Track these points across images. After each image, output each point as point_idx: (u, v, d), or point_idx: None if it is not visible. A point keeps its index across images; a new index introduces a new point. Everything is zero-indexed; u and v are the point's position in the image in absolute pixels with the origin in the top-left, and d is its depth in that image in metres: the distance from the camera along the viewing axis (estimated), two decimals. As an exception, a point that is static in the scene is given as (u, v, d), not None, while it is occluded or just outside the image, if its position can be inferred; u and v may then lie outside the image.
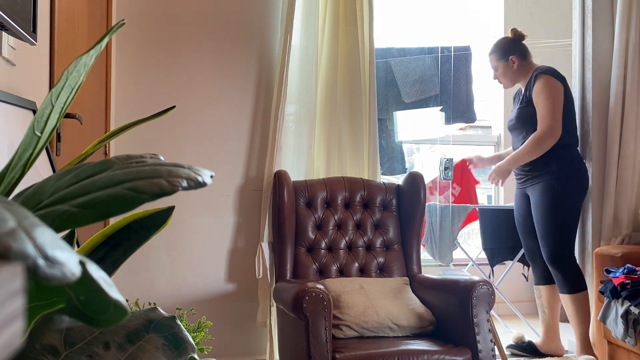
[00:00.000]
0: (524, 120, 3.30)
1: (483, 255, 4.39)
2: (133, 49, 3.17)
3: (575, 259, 3.28)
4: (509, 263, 4.12)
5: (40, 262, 0.37)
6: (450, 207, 3.91)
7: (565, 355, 3.45)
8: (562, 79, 3.26)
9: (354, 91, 3.30)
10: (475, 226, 4.43)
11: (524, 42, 3.43)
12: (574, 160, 3.28)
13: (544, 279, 3.42)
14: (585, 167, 3.37)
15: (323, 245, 3.03)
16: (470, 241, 5.16)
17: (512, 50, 3.37)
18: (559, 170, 3.20)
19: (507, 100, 4.65)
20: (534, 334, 3.74)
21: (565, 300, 3.23)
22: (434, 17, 4.87)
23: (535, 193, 3.26)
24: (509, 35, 3.46)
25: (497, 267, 4.62)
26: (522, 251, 3.70)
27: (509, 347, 3.49)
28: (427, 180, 3.71)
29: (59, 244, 0.40)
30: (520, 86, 3.46)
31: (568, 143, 3.25)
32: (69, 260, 0.39)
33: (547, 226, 3.21)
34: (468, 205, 4.08)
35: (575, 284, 3.18)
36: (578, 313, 3.17)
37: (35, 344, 0.70)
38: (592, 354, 3.20)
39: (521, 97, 3.36)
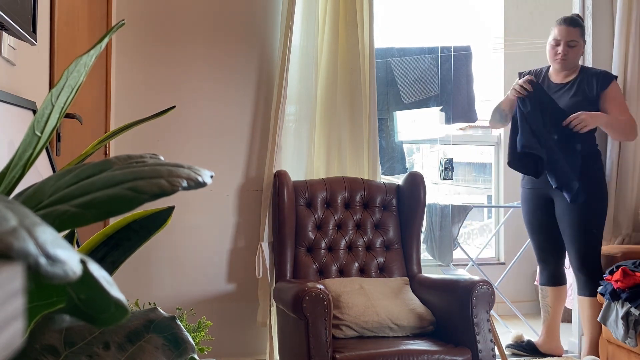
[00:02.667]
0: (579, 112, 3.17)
1: (482, 255, 4.40)
2: (133, 49, 3.17)
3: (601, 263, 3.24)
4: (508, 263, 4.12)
5: (42, 260, 0.37)
6: (450, 206, 3.90)
7: (565, 355, 3.45)
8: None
9: (354, 91, 3.30)
10: (475, 226, 4.43)
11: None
12: (602, 164, 3.30)
13: (553, 280, 3.41)
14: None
15: (323, 245, 3.03)
16: (470, 241, 5.16)
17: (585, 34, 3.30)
18: (591, 173, 3.17)
19: (507, 100, 4.64)
20: (534, 334, 3.74)
21: (584, 303, 3.22)
22: (434, 17, 4.87)
23: (576, 199, 3.16)
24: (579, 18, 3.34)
25: (497, 267, 4.62)
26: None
27: (508, 346, 3.49)
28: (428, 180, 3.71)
29: (60, 243, 0.40)
30: (539, 71, 3.37)
31: (600, 162, 3.27)
32: (70, 259, 0.39)
33: (581, 232, 3.18)
34: (468, 204, 4.08)
35: (597, 287, 3.16)
36: (595, 316, 3.15)
37: (35, 344, 0.70)
38: (598, 355, 3.21)
39: (571, 90, 3.23)
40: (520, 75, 3.46)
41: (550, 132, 3.17)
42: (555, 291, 3.41)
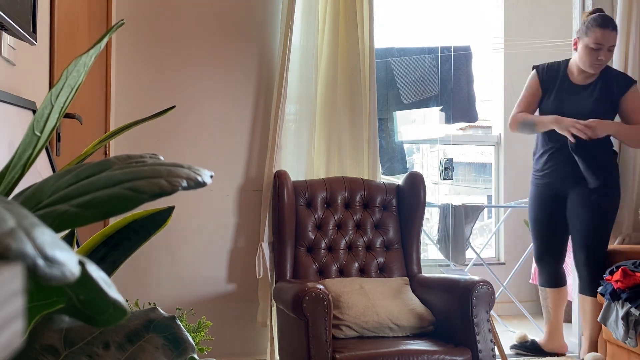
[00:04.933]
0: (601, 116, 3.13)
1: (482, 255, 4.39)
2: (133, 49, 3.17)
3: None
4: (512, 264, 4.11)
5: (40, 262, 0.37)
6: (462, 207, 3.89)
7: (567, 354, 3.45)
8: None
9: (354, 91, 3.30)
10: (475, 226, 4.43)
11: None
12: (616, 164, 3.30)
13: (553, 281, 3.40)
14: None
15: (323, 245, 3.02)
16: (471, 241, 5.15)
17: None
18: (607, 173, 3.17)
19: (507, 100, 4.65)
20: (540, 333, 3.71)
21: (585, 302, 3.22)
22: (434, 17, 4.87)
23: (583, 194, 3.17)
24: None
25: (497, 267, 4.62)
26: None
27: (512, 347, 3.49)
28: (428, 180, 3.70)
29: (58, 244, 0.40)
30: (556, 70, 3.28)
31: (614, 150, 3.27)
32: (68, 260, 0.39)
33: (594, 228, 3.17)
34: (480, 204, 4.07)
35: (598, 287, 3.17)
36: (595, 316, 3.15)
37: (35, 344, 0.70)
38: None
39: (594, 93, 3.18)
40: (537, 68, 3.35)
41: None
42: (555, 293, 3.40)
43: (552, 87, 3.28)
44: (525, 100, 3.35)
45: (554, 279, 3.39)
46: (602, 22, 3.08)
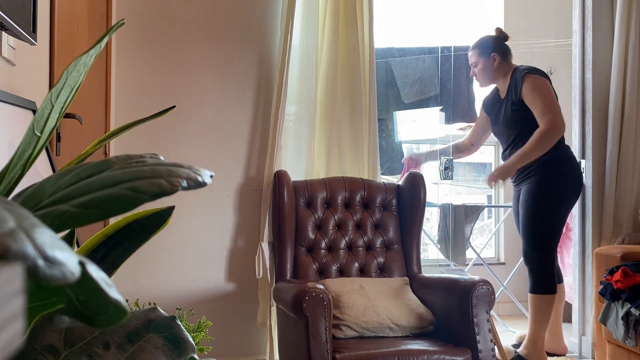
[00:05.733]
0: (522, 121, 3.21)
1: (482, 255, 4.39)
2: (133, 49, 3.17)
3: (552, 261, 3.23)
4: (512, 264, 4.11)
5: (40, 262, 0.37)
6: (463, 206, 3.89)
7: (567, 355, 3.45)
8: (547, 77, 3.24)
9: (354, 91, 3.30)
10: (475, 226, 4.43)
11: (507, 43, 3.40)
12: (564, 159, 3.23)
13: None
14: (578, 165, 3.35)
15: (323, 245, 3.02)
16: (471, 241, 5.14)
17: (494, 48, 3.35)
18: (548, 168, 3.16)
19: (507, 100, 4.64)
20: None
21: (529, 298, 3.24)
22: (434, 17, 4.87)
23: (524, 190, 3.24)
24: (493, 34, 3.43)
25: (497, 267, 4.62)
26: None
27: (513, 346, 3.48)
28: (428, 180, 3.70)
29: (58, 245, 0.40)
30: (493, 90, 3.45)
31: (558, 142, 3.21)
32: (68, 261, 0.39)
33: (529, 224, 3.20)
34: (480, 204, 4.07)
35: (534, 284, 3.19)
36: (531, 313, 3.20)
37: (35, 344, 0.70)
38: (534, 356, 3.19)
39: (507, 101, 3.28)
40: (484, 98, 3.61)
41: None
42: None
43: (492, 108, 3.47)
44: (473, 129, 3.72)
45: None
46: (472, 45, 3.46)
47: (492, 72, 3.35)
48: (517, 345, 3.48)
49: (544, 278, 3.17)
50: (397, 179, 3.55)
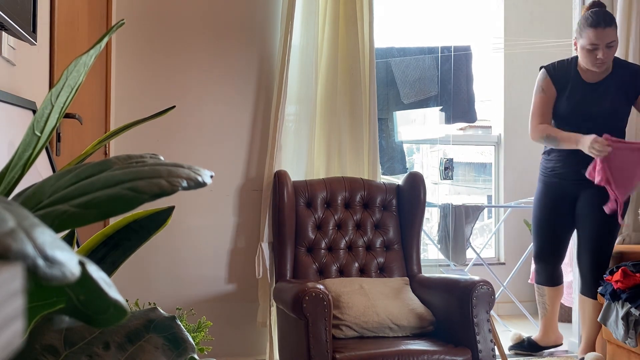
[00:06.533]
0: (622, 116, 3.07)
1: (482, 255, 4.39)
2: (133, 49, 3.17)
3: None
4: (512, 264, 4.11)
5: (40, 262, 0.37)
6: (463, 206, 3.89)
7: (565, 355, 3.45)
8: None
9: (354, 91, 3.30)
10: (475, 226, 4.43)
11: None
12: None
13: (552, 280, 3.37)
14: None
15: (323, 245, 3.02)
16: (471, 241, 5.15)
17: None
18: None
19: (507, 100, 4.65)
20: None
21: (586, 303, 3.19)
22: (434, 17, 4.87)
23: (597, 196, 3.04)
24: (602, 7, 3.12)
25: (497, 267, 4.62)
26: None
27: (510, 348, 3.48)
28: (428, 180, 3.70)
29: (58, 244, 0.40)
30: (568, 67, 3.15)
31: None
32: (68, 261, 0.39)
33: (603, 233, 3.11)
34: (480, 205, 4.07)
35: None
36: (594, 317, 3.13)
37: (35, 344, 0.70)
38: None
39: (609, 91, 3.07)
40: (546, 68, 3.21)
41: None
42: (553, 291, 3.40)
43: (565, 86, 3.14)
44: (540, 108, 3.18)
45: (553, 278, 3.38)
46: (593, 21, 2.97)
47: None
48: (514, 346, 3.48)
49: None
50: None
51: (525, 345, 3.46)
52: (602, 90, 3.09)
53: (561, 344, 3.43)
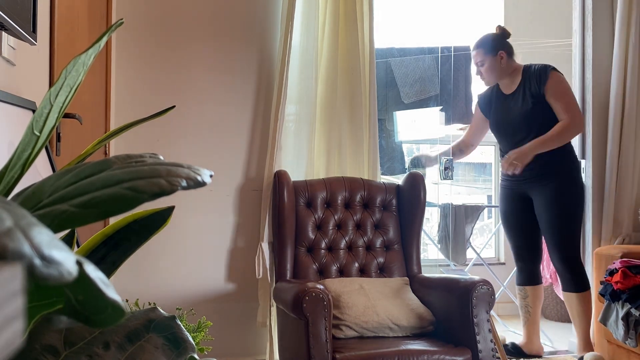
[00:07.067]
0: (542, 114, 3.20)
1: (482, 255, 4.39)
2: (133, 49, 3.17)
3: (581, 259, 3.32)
4: (512, 264, 4.10)
5: (37, 262, 0.37)
6: (463, 206, 3.89)
7: (565, 355, 3.45)
8: None
9: (354, 91, 3.30)
10: (475, 226, 4.43)
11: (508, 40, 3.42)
12: (575, 160, 3.29)
13: (531, 279, 3.42)
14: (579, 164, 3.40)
15: (323, 245, 3.02)
16: (471, 241, 5.14)
17: (500, 46, 3.36)
18: (566, 171, 3.19)
19: (507, 100, 4.64)
20: (542, 335, 3.68)
21: (571, 299, 3.24)
22: (434, 17, 4.87)
23: (545, 195, 3.22)
24: (495, 31, 3.44)
25: (497, 267, 4.61)
26: None
27: (508, 350, 3.48)
28: (428, 180, 3.69)
29: (56, 244, 0.39)
30: (491, 89, 3.45)
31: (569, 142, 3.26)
32: (66, 260, 0.39)
33: (561, 229, 3.20)
34: (480, 204, 4.08)
35: (581, 283, 3.22)
36: (583, 312, 3.20)
37: (35, 344, 0.70)
38: (592, 349, 3.22)
39: (521, 96, 3.27)
40: (478, 98, 3.62)
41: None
42: (534, 290, 3.42)
43: (490, 105, 3.47)
44: (469, 129, 3.69)
45: (532, 276, 3.42)
46: (474, 44, 3.43)
47: (499, 70, 3.34)
48: (514, 348, 3.47)
49: (583, 275, 3.22)
50: (397, 179, 3.58)
51: (509, 349, 3.45)
52: (514, 99, 3.32)
53: (541, 356, 3.43)
